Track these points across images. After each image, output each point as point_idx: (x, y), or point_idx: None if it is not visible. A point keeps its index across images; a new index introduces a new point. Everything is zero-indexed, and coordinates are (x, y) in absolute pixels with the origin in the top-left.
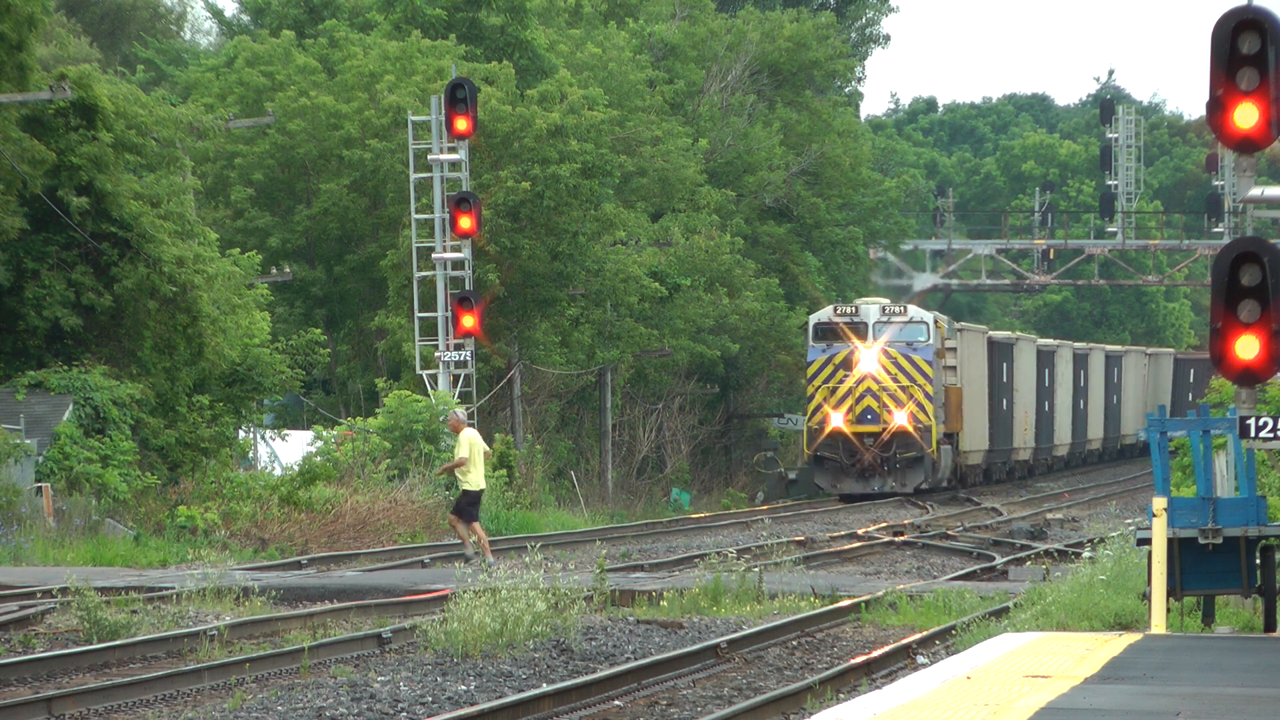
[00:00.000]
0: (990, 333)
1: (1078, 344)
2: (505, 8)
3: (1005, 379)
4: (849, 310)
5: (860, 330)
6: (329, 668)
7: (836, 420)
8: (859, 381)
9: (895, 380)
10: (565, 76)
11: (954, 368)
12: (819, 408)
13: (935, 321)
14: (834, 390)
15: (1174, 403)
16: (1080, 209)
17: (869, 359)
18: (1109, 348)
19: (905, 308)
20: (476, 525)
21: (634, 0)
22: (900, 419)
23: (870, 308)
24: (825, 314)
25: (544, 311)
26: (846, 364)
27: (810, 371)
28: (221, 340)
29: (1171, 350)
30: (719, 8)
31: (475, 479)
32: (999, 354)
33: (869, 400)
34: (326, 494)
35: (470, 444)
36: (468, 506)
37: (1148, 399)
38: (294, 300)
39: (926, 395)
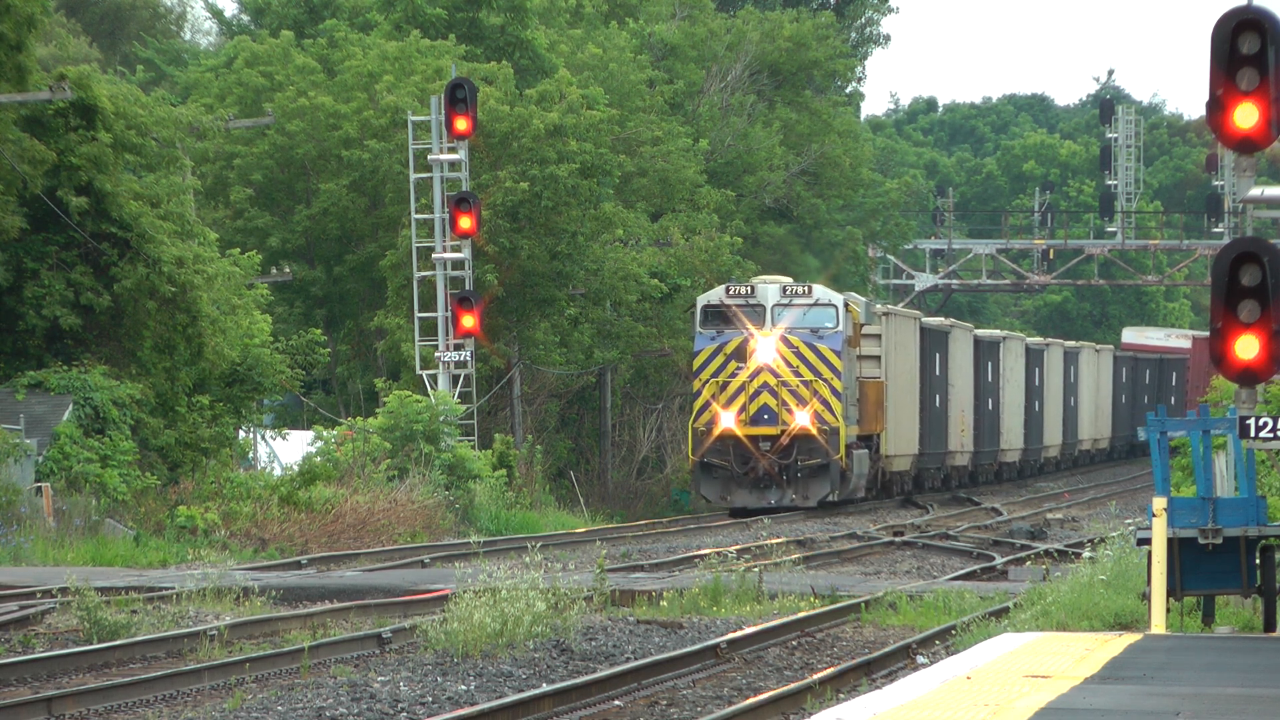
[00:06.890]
0: (924, 319)
1: (1031, 339)
2: (505, 8)
3: (939, 372)
4: (743, 290)
5: (756, 315)
6: (329, 668)
7: (727, 421)
8: (754, 375)
9: (797, 374)
10: (565, 76)
11: (876, 358)
12: (707, 406)
13: (846, 305)
14: (724, 385)
15: (1113, 404)
16: (1080, 209)
17: (766, 348)
18: (1067, 344)
19: (810, 288)
20: None
21: (634, 0)
22: (802, 419)
23: (769, 288)
24: (715, 294)
25: (543, 311)
26: (740, 354)
27: (697, 363)
28: (221, 340)
29: (1111, 347)
30: (719, 8)
31: None
32: (932, 343)
33: (765, 397)
34: (326, 494)
35: None
36: None
37: (1098, 400)
38: (294, 300)
39: (834, 391)
